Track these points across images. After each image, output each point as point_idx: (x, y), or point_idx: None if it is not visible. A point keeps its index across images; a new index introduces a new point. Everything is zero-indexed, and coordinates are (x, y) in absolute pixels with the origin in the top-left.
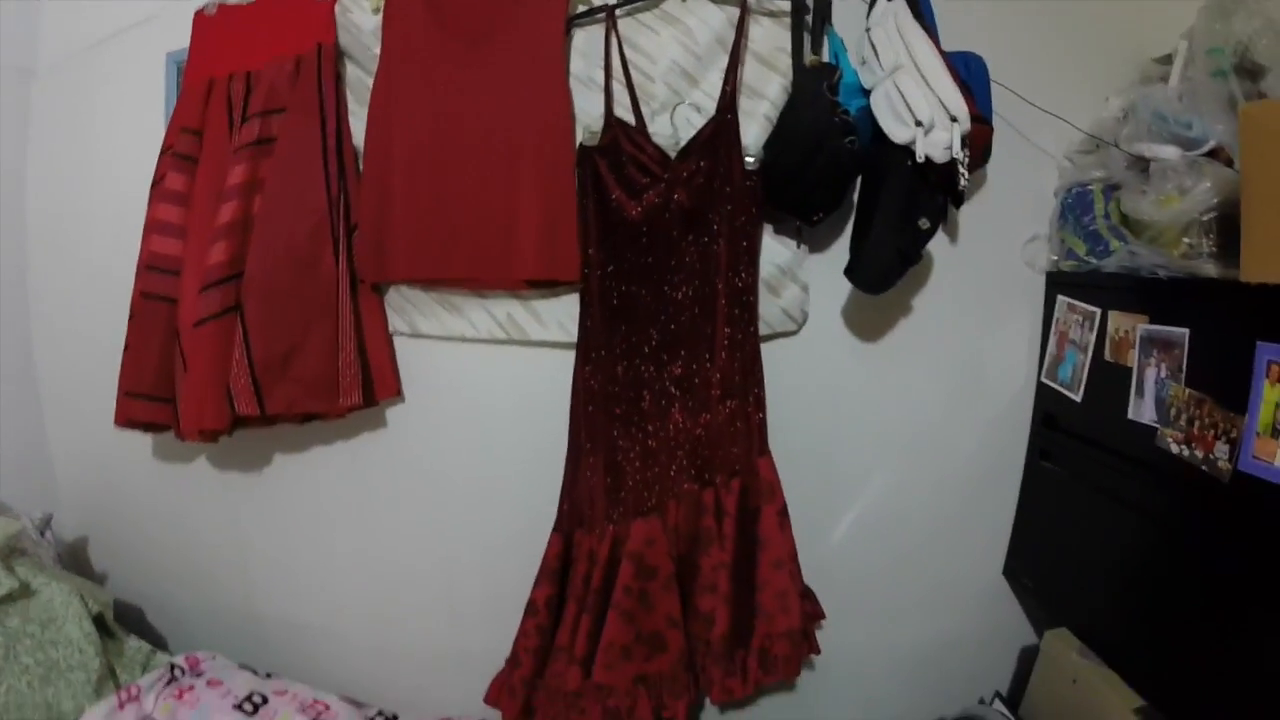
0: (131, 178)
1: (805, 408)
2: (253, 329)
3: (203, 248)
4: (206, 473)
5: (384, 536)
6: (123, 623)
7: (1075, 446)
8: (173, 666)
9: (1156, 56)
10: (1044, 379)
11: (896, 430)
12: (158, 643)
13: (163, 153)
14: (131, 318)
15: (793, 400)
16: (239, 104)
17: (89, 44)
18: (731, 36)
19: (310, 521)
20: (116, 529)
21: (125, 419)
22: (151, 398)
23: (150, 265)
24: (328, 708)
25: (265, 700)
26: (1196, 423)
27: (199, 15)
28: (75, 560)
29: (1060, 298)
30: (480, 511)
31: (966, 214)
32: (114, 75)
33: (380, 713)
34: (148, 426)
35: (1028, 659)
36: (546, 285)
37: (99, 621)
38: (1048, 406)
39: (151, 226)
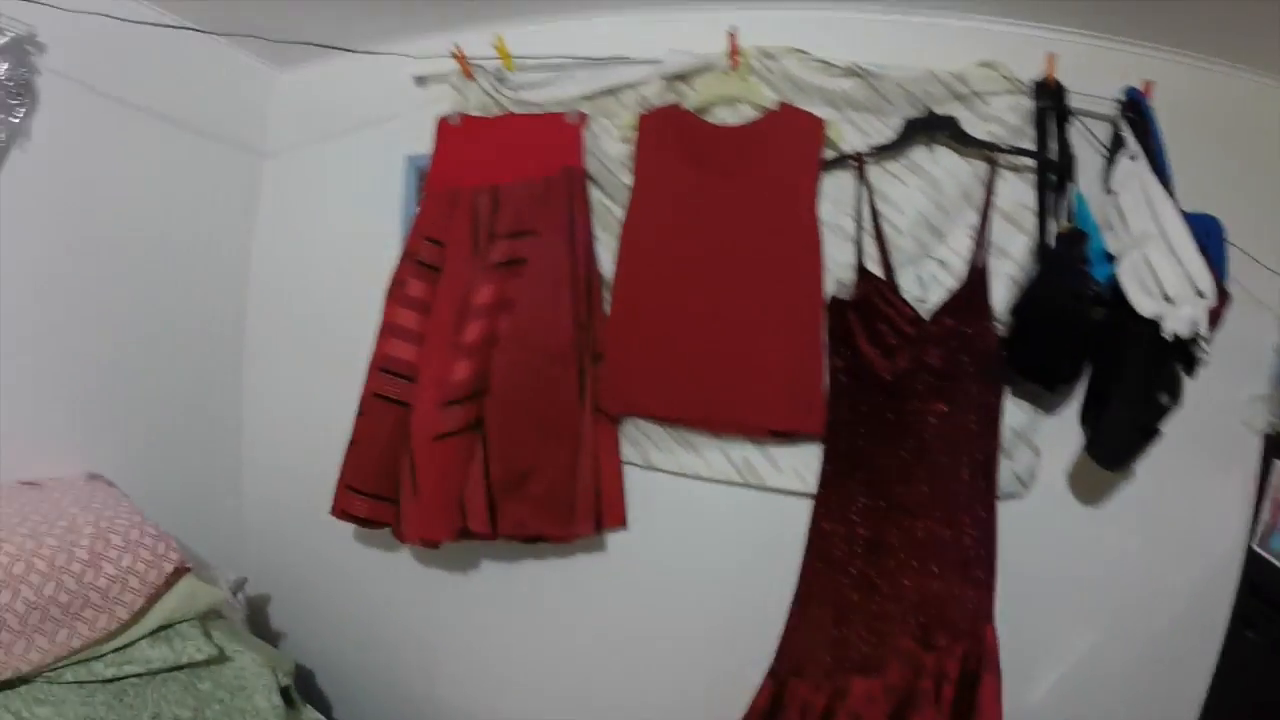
0: (360, 270)
1: (1017, 568)
2: (494, 446)
3: (444, 361)
4: (404, 558)
5: (580, 652)
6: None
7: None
8: None
9: None
10: (1255, 545)
11: (1104, 592)
12: (325, 708)
13: (405, 258)
14: (360, 414)
15: (1005, 561)
16: (485, 220)
17: (324, 134)
18: (977, 191)
19: (508, 621)
20: (300, 592)
21: (342, 510)
22: (372, 495)
23: (384, 367)
24: None
25: None
26: None
27: (443, 123)
28: (255, 617)
29: (1277, 461)
30: (687, 647)
31: None
32: (350, 168)
33: None
34: (364, 521)
35: None
36: (787, 434)
37: (285, 693)
38: (1255, 574)
39: (389, 329)
